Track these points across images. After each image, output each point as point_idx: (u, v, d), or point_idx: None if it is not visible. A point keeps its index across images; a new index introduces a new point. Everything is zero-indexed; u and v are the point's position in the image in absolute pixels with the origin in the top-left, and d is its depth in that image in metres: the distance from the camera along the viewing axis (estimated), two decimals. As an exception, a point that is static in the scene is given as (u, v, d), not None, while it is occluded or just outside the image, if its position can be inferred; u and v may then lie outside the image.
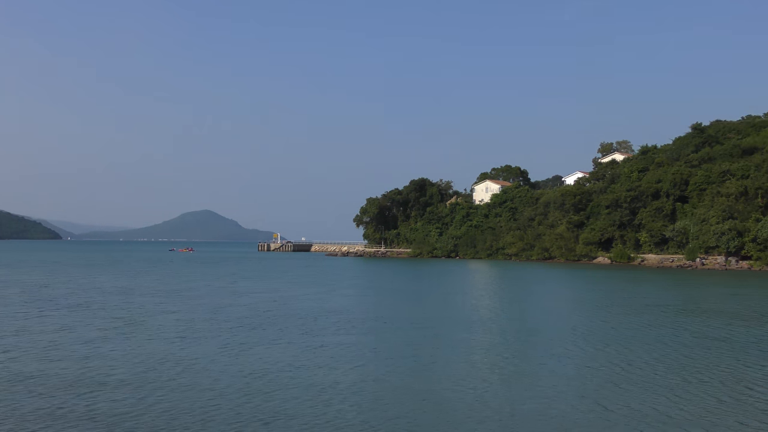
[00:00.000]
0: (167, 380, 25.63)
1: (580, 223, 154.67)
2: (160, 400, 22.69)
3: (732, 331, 39.62)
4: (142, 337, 36.13)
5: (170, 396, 23.30)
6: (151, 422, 20.20)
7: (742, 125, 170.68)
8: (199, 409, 21.66)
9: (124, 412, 21.11)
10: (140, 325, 40.82)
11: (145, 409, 21.65)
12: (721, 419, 20.97)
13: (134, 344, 33.68)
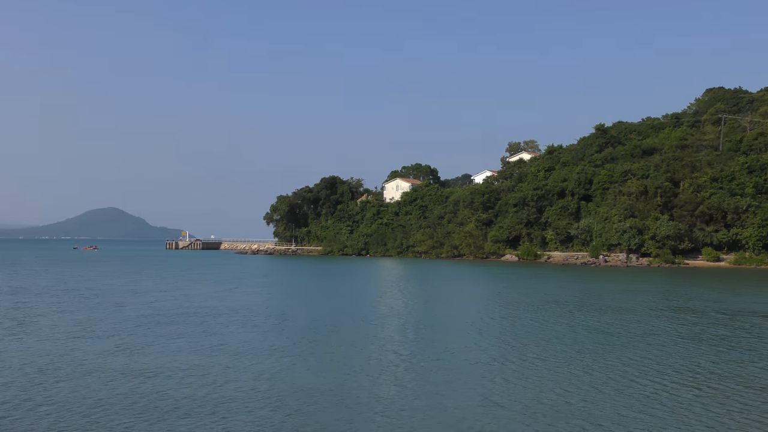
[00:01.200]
0: (56, 381, 24.59)
1: (489, 221, 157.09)
2: (48, 401, 21.81)
3: (623, 326, 40.62)
4: (33, 337, 34.55)
5: (58, 396, 22.40)
6: (38, 422, 19.40)
7: (642, 127, 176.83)
8: (89, 409, 20.90)
9: (6, 415, 20.16)
10: (32, 325, 39.05)
11: (31, 409, 20.81)
12: (603, 411, 21.43)
13: (24, 345, 32.17)
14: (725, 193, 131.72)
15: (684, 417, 20.94)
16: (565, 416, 21.01)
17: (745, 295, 65.05)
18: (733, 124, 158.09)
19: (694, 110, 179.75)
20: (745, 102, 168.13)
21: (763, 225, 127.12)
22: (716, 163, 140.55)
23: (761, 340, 35.91)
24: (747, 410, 21.81)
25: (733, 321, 43.84)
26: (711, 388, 24.86)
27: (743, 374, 27.17)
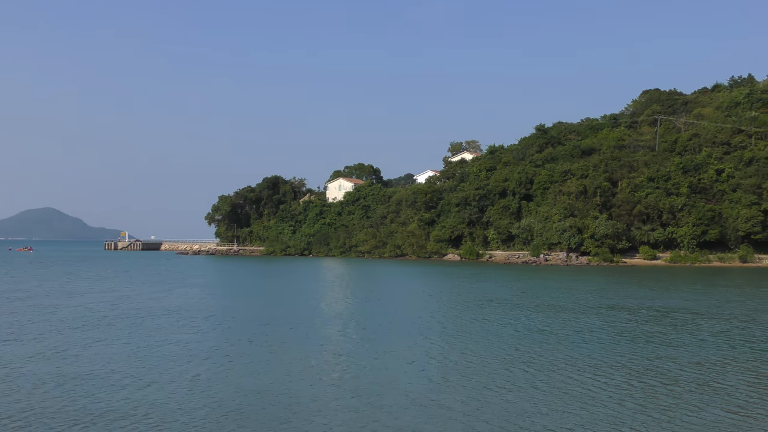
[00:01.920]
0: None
1: (431, 220, 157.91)
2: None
3: (558, 324, 40.98)
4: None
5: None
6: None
7: (581, 127, 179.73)
8: (18, 414, 20.28)
9: None
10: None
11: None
12: (537, 408, 21.56)
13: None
14: (661, 193, 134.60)
15: (612, 411, 21.22)
16: (501, 414, 21.09)
17: (677, 292, 66.42)
18: (668, 125, 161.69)
19: (631, 111, 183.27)
20: (680, 103, 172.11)
21: (697, 224, 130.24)
22: (652, 164, 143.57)
23: (690, 337, 36.58)
24: (670, 405, 22.16)
25: (664, 318, 44.70)
26: (639, 383, 25.20)
27: (670, 370, 27.62)
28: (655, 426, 20.08)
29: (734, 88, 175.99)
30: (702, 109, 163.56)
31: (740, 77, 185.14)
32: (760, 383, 25.59)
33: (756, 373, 27.28)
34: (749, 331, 38.63)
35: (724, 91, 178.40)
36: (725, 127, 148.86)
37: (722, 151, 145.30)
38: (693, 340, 35.36)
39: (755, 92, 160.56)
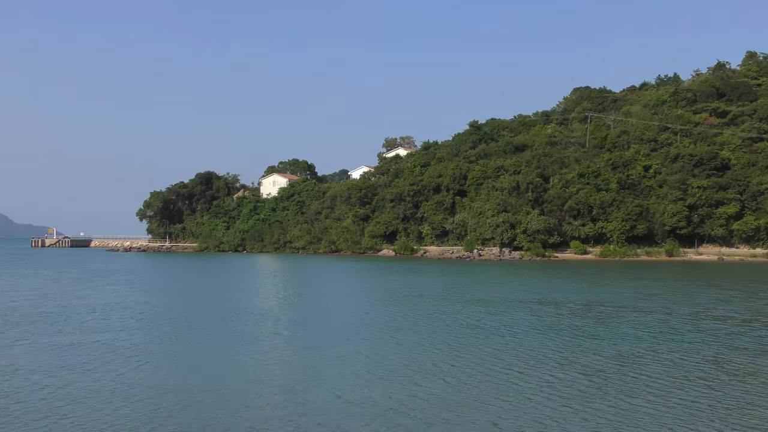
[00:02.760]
0: None
1: (366, 216, 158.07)
2: None
3: (486, 319, 41.60)
4: None
5: None
6: None
7: (514, 124, 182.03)
8: None
9: None
10: None
11: None
12: (461, 399, 21.93)
13: None
14: (591, 189, 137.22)
15: (535, 403, 21.67)
16: (427, 407, 21.33)
17: (603, 286, 67.86)
18: (598, 122, 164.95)
19: (562, 108, 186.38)
20: (609, 101, 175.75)
21: (625, 219, 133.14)
22: (583, 160, 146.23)
23: (612, 330, 37.47)
24: (593, 396, 22.74)
25: (589, 312, 45.65)
26: (563, 375, 25.77)
27: (593, 362, 28.33)
28: (575, 416, 20.60)
29: (661, 87, 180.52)
30: (630, 106, 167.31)
31: (666, 76, 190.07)
32: (678, 374, 26.43)
33: (674, 364, 28.16)
34: (668, 324, 39.75)
35: (651, 89, 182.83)
36: (652, 124, 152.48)
37: (649, 148, 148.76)
38: (615, 333, 36.22)
39: (680, 91, 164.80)
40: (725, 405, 21.92)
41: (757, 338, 34.86)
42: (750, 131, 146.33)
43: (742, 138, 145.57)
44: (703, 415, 20.83)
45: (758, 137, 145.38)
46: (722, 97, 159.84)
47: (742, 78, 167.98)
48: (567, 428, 19.49)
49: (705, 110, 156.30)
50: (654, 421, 20.11)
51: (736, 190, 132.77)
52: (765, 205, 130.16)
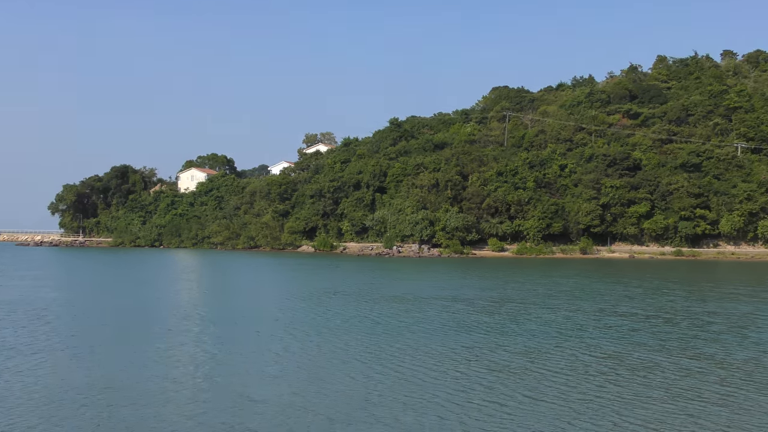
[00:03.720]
0: None
1: (286, 212, 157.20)
2: None
3: (396, 315, 41.90)
4: None
5: None
6: None
7: (434, 121, 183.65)
8: None
9: None
10: None
11: None
12: (367, 395, 22.05)
13: None
14: (509, 187, 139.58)
15: (440, 399, 21.95)
16: (330, 404, 21.45)
17: (515, 283, 69.10)
18: (516, 121, 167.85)
19: (481, 107, 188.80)
20: (527, 101, 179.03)
21: (542, 217, 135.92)
22: (501, 158, 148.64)
23: (521, 326, 38.23)
24: (498, 391, 23.20)
25: (500, 308, 46.45)
26: (469, 371, 26.19)
27: (500, 358, 28.88)
28: (478, 411, 20.95)
29: (576, 88, 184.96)
30: (547, 106, 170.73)
31: (582, 77, 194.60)
32: (580, 369, 27.17)
33: (577, 359, 28.95)
34: (574, 320, 40.80)
35: (568, 90, 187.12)
36: (568, 124, 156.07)
37: (565, 148, 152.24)
38: (524, 330, 36.96)
39: (595, 92, 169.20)
40: (624, 399, 22.68)
41: (657, 334, 36.10)
42: (660, 133, 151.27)
43: (652, 139, 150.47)
44: (601, 409, 21.51)
45: (668, 139, 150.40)
46: (634, 99, 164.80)
47: (653, 81, 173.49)
48: (467, 423, 19.83)
49: (618, 111, 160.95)
50: (554, 415, 20.65)
51: (646, 190, 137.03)
52: (673, 205, 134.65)
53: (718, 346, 32.77)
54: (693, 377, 26.03)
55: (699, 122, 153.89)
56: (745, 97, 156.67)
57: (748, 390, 24.22)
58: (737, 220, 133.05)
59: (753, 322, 41.03)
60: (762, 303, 51.65)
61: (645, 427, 19.87)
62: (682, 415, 21.01)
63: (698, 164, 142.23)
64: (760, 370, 27.49)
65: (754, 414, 21.28)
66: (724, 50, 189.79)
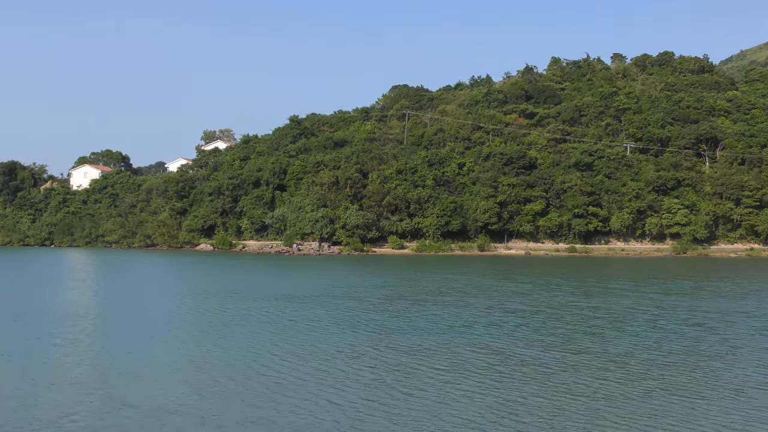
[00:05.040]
0: None
1: (183, 210, 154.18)
2: None
3: (287, 313, 42.18)
4: None
5: None
6: None
7: (334, 119, 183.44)
8: None
9: None
10: None
11: None
12: (240, 392, 22.20)
13: None
14: (409, 185, 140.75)
15: (315, 398, 22.19)
16: (205, 405, 21.42)
17: (408, 280, 70.02)
18: (415, 119, 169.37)
19: (381, 105, 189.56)
20: (426, 100, 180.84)
21: (440, 215, 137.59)
22: (401, 156, 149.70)
23: (406, 323, 38.78)
24: (367, 390, 23.57)
25: (389, 306, 46.96)
26: (348, 368, 26.53)
27: (383, 356, 29.34)
28: (355, 410, 21.23)
29: (474, 88, 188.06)
30: (446, 105, 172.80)
31: (479, 77, 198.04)
32: (462, 365, 27.85)
33: (459, 356, 29.67)
34: (462, 317, 41.68)
35: (466, 89, 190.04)
36: (466, 123, 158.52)
37: (464, 146, 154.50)
38: (411, 327, 37.50)
39: (492, 92, 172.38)
40: (501, 395, 23.43)
41: (541, 329, 37.33)
42: (555, 132, 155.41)
43: (547, 139, 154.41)
44: (479, 405, 22.11)
45: (562, 138, 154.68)
46: (530, 99, 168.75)
47: (547, 82, 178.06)
48: (341, 422, 20.05)
49: (515, 111, 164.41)
50: (431, 412, 21.15)
51: (542, 188, 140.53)
52: (567, 203, 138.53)
53: (596, 340, 34.15)
54: (570, 371, 27.07)
55: (591, 122, 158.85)
56: (633, 99, 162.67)
57: (619, 382, 25.44)
58: (626, 217, 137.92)
59: (632, 316, 42.91)
60: (642, 297, 53.84)
61: (517, 421, 20.52)
62: (552, 409, 21.84)
63: (590, 163, 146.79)
64: (632, 362, 28.87)
65: (622, 406, 22.35)
66: (614, 53, 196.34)
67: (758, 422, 21.05)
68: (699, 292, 58.51)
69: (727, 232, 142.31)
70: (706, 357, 30.19)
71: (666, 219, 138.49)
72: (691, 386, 24.98)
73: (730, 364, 29.01)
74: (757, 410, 22.21)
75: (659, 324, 39.39)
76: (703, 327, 38.51)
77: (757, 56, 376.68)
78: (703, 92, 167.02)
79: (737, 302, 50.98)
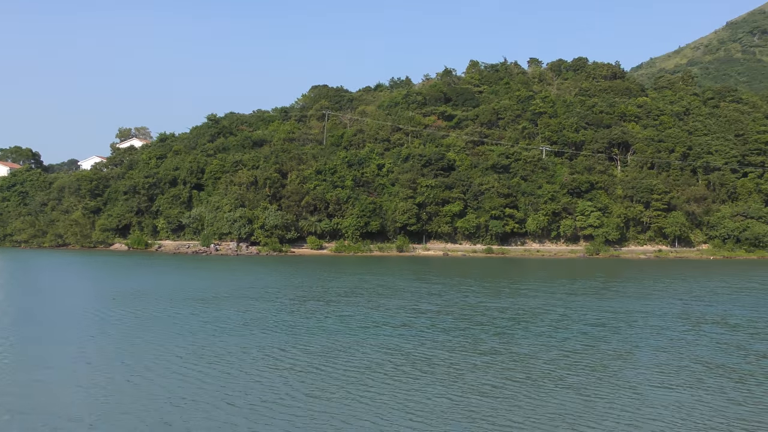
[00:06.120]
0: None
1: (97, 209, 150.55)
2: None
3: (189, 315, 41.84)
4: None
5: None
6: None
7: (253, 119, 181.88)
8: None
9: None
10: None
11: None
12: (135, 395, 22.03)
13: None
14: (328, 185, 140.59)
15: (215, 402, 22.10)
16: (94, 408, 21.12)
17: (322, 281, 69.97)
18: (335, 120, 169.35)
19: (301, 105, 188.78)
20: (346, 100, 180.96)
21: (360, 216, 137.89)
22: (320, 157, 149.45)
23: (317, 323, 38.83)
24: (272, 389, 23.61)
25: (300, 307, 46.88)
26: (253, 370, 26.50)
27: (290, 356, 29.39)
28: (254, 412, 21.23)
29: (394, 89, 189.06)
30: (366, 106, 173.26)
31: (399, 79, 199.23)
32: (369, 367, 28.03)
33: (366, 357, 29.83)
34: (372, 318, 41.93)
35: (385, 91, 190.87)
36: (386, 124, 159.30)
37: (383, 148, 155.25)
38: (320, 328, 37.56)
39: (412, 94, 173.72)
40: (405, 397, 23.59)
41: (450, 330, 37.82)
42: (473, 135, 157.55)
43: (465, 141, 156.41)
44: (381, 406, 22.31)
45: (479, 141, 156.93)
46: (449, 101, 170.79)
47: (466, 85, 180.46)
48: (238, 424, 20.03)
49: (433, 113, 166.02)
50: (333, 413, 21.23)
51: (460, 190, 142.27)
52: (485, 205, 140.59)
53: (503, 340, 34.86)
54: (476, 372, 27.56)
55: (508, 125, 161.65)
56: (549, 103, 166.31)
57: (522, 382, 26.06)
58: (542, 219, 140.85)
59: (539, 316, 43.92)
60: (551, 298, 55.07)
61: (421, 422, 20.82)
62: (457, 409, 22.22)
63: (507, 166, 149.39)
64: (536, 362, 29.61)
65: (524, 405, 22.94)
66: (531, 58, 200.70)
67: (651, 419, 21.87)
68: (605, 293, 60.21)
69: (637, 234, 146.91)
70: (607, 356, 31.15)
71: (580, 221, 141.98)
72: (591, 386, 25.73)
73: (628, 363, 29.99)
74: (651, 408, 23.08)
75: (565, 324, 40.41)
76: (607, 327, 39.68)
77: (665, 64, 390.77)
78: (615, 98, 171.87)
79: (641, 302, 52.70)
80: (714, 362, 30.24)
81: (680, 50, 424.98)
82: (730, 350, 33.16)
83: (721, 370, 28.80)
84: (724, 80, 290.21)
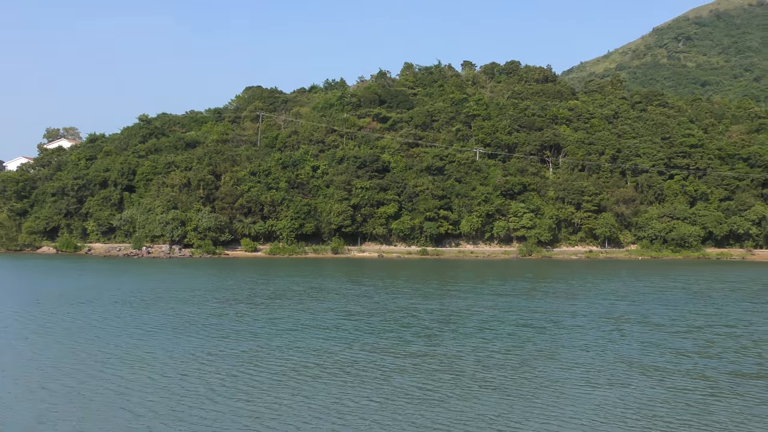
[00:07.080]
0: None
1: (24, 211, 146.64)
2: None
3: (115, 318, 41.34)
4: None
5: None
6: None
7: (186, 120, 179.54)
8: None
9: None
10: None
11: None
12: (47, 406, 21.80)
13: None
14: (262, 187, 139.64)
15: (133, 407, 21.99)
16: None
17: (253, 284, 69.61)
18: (269, 121, 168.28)
19: (235, 106, 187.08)
20: (281, 102, 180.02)
21: (294, 217, 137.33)
22: (255, 158, 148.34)
23: (246, 325, 38.69)
24: (190, 394, 23.58)
25: (228, 309, 46.72)
26: (176, 374, 26.32)
27: (219, 359, 29.31)
28: (153, 414, 21.17)
29: (328, 91, 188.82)
30: (300, 108, 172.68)
31: (334, 81, 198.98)
32: (293, 369, 28.15)
33: (290, 359, 29.91)
34: (296, 319, 42.05)
35: (320, 92, 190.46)
36: (320, 126, 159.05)
37: (318, 149, 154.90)
38: (246, 330, 37.49)
39: (346, 95, 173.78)
40: (334, 399, 23.79)
41: (375, 332, 38.07)
42: (407, 137, 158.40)
43: (400, 143, 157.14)
44: (306, 409, 22.40)
45: (414, 143, 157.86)
46: (383, 103, 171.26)
47: (400, 87, 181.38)
48: (158, 430, 19.96)
49: (368, 115, 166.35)
50: (251, 416, 21.26)
51: (394, 192, 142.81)
52: (419, 206, 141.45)
53: (430, 341, 35.24)
54: (402, 373, 27.83)
55: (442, 128, 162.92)
56: (482, 105, 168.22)
57: (446, 383, 26.41)
58: (476, 220, 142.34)
59: (466, 317, 44.51)
60: (479, 299, 55.76)
61: (343, 425, 21.00)
62: (381, 411, 22.46)
63: (441, 167, 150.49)
64: (461, 363, 30.05)
65: (448, 406, 23.28)
66: (464, 61, 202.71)
67: (573, 418, 22.41)
68: (534, 293, 61.25)
69: (568, 235, 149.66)
70: (532, 356, 31.78)
71: (513, 222, 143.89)
72: (513, 385, 26.24)
73: (553, 362, 30.63)
74: (573, 407, 23.65)
75: (492, 325, 41.02)
76: (533, 327, 40.41)
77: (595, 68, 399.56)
78: (546, 101, 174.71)
79: (567, 302, 53.85)
80: (636, 361, 31.12)
81: (609, 55, 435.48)
82: (652, 349, 34.15)
83: (642, 368, 29.65)
84: (651, 84, 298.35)
